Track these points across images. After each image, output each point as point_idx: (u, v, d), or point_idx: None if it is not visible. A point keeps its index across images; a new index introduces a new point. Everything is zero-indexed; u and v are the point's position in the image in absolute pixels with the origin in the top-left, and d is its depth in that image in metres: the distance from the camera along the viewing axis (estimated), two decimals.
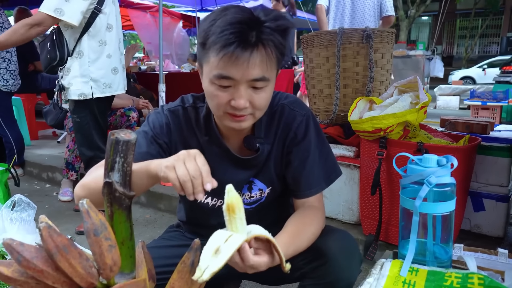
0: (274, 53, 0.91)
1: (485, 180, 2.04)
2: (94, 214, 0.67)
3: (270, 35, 0.89)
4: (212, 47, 0.88)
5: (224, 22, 0.87)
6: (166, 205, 2.95)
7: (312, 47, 2.38)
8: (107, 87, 2.39)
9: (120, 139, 0.74)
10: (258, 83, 0.91)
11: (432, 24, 21.57)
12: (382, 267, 1.06)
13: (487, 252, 1.22)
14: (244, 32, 0.86)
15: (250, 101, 0.93)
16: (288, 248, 0.95)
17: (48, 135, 5.25)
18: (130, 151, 0.75)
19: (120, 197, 0.73)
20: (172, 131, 1.10)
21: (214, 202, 1.17)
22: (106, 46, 2.36)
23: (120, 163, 0.74)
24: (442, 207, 1.06)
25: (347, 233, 1.10)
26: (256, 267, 0.84)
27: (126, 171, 0.75)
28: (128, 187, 0.75)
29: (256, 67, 0.89)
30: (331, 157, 1.14)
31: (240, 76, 0.89)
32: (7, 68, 3.49)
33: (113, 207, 0.73)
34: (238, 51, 0.86)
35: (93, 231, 0.66)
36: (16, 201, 1.97)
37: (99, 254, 0.66)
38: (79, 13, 2.20)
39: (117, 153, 0.74)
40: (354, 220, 2.27)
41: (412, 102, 1.90)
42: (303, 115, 1.09)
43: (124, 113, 3.53)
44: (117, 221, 0.74)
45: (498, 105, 5.87)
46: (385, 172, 1.91)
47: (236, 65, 0.87)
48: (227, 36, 0.85)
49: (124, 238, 0.74)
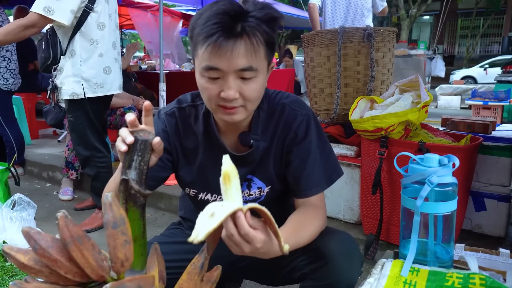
0: (260, 43, 0.91)
1: (487, 180, 2.03)
2: (116, 208, 0.69)
3: (255, 24, 0.89)
4: (197, 39, 0.90)
5: (209, 14, 0.88)
6: (166, 204, 2.94)
7: (313, 46, 2.37)
8: (98, 86, 2.36)
9: (139, 138, 0.77)
10: (246, 73, 0.91)
11: (434, 24, 21.54)
12: (383, 267, 1.06)
13: (489, 252, 1.21)
14: (228, 22, 0.87)
15: (240, 92, 0.93)
16: (289, 240, 0.93)
17: (48, 134, 5.25)
18: (148, 150, 0.78)
19: (136, 194, 0.75)
20: (169, 135, 1.12)
21: (214, 198, 1.17)
22: (98, 45, 2.33)
23: (137, 161, 0.76)
24: (444, 207, 1.05)
25: (347, 234, 1.10)
26: (250, 239, 0.79)
27: (143, 170, 0.77)
28: (143, 186, 0.77)
29: (241, 56, 0.88)
30: (332, 157, 1.13)
31: (227, 66, 0.89)
32: (7, 67, 3.48)
33: (128, 204, 0.76)
34: (221, 40, 0.86)
35: (111, 224, 0.67)
36: (16, 201, 1.97)
37: (113, 247, 0.67)
38: (69, 12, 2.17)
39: (135, 152, 0.77)
40: (354, 220, 2.26)
41: (413, 102, 1.89)
42: (303, 115, 1.09)
43: (124, 113, 3.52)
44: (131, 218, 0.75)
45: (500, 105, 5.86)
46: (386, 171, 1.90)
47: (220, 55, 0.88)
48: (210, 27, 0.86)
49: (136, 236, 0.76)
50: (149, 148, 0.78)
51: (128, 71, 4.37)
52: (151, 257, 0.83)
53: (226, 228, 0.80)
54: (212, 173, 1.10)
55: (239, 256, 1.22)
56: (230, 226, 0.79)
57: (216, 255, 1.21)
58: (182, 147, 1.13)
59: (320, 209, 1.09)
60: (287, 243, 0.89)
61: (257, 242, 0.80)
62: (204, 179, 1.14)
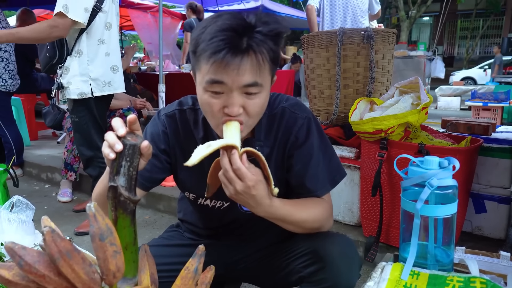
0: (266, 59, 0.90)
1: (487, 182, 2.02)
2: (101, 218, 0.66)
3: (261, 41, 0.87)
4: (203, 55, 0.87)
5: (214, 29, 0.86)
6: (165, 206, 2.93)
7: (313, 48, 2.37)
8: (106, 85, 2.39)
9: (127, 143, 0.74)
10: (250, 89, 0.90)
11: (433, 25, 21.55)
12: (382, 270, 1.05)
13: (489, 255, 1.21)
14: (234, 38, 0.85)
15: (243, 108, 0.91)
16: (285, 204, 0.98)
17: (47, 136, 5.24)
18: (136, 155, 0.75)
19: (125, 201, 0.73)
20: (169, 137, 1.11)
21: (213, 203, 1.16)
22: (104, 44, 2.35)
23: (126, 167, 0.73)
24: (444, 209, 1.04)
25: (346, 237, 1.09)
26: (242, 175, 0.85)
27: (132, 176, 0.74)
28: (133, 192, 0.74)
29: (247, 72, 0.87)
30: (335, 159, 1.13)
31: (232, 81, 0.87)
32: (6, 67, 3.48)
33: (118, 212, 0.73)
34: (228, 57, 0.84)
35: (98, 236, 0.65)
36: (14, 202, 1.96)
37: (103, 259, 0.65)
38: (82, 10, 2.18)
39: (123, 157, 0.74)
40: (354, 222, 2.25)
41: (413, 103, 1.89)
42: (304, 118, 1.08)
43: (123, 114, 3.51)
44: (121, 225, 0.73)
45: (500, 106, 5.86)
46: (386, 173, 1.89)
47: (227, 72, 0.86)
48: (217, 43, 0.85)
49: (127, 243, 0.74)
50: (138, 152, 0.75)
51: (127, 72, 4.36)
52: (141, 260, 0.82)
53: (222, 163, 0.86)
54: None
55: (237, 259, 1.22)
56: (225, 161, 0.86)
57: (216, 258, 1.21)
58: (181, 150, 1.12)
59: (326, 202, 1.09)
60: (283, 207, 0.96)
61: (248, 180, 0.85)
62: (204, 185, 1.14)
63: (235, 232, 1.22)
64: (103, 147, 0.75)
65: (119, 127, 0.75)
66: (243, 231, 1.21)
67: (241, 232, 1.21)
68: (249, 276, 1.25)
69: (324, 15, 3.71)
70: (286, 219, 0.99)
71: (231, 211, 1.15)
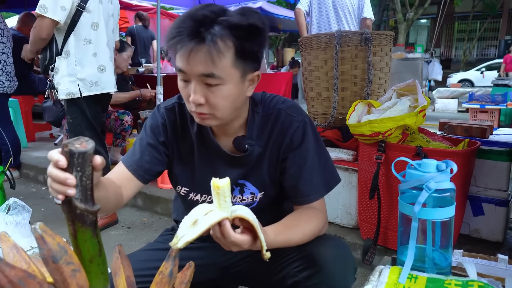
0: (226, 51, 0.89)
1: (485, 184, 2.02)
2: (50, 239, 0.62)
3: (220, 31, 0.87)
4: (167, 42, 0.91)
5: (179, 19, 0.90)
6: (163, 208, 2.93)
7: (310, 50, 2.37)
8: (93, 85, 2.41)
9: (75, 151, 0.66)
10: (209, 79, 0.91)
11: (431, 27, 21.63)
12: (380, 273, 1.04)
13: (487, 258, 1.20)
14: (192, 27, 0.87)
15: (205, 98, 0.93)
16: (278, 235, 0.95)
17: (45, 137, 5.22)
18: (88, 163, 0.68)
19: (83, 214, 0.67)
20: (168, 130, 1.12)
21: (204, 198, 1.16)
22: (91, 44, 2.38)
23: (78, 177, 0.67)
24: (442, 213, 1.04)
25: (340, 240, 1.08)
26: (238, 244, 0.83)
27: (86, 185, 0.68)
28: (90, 202, 0.69)
29: (201, 62, 0.88)
30: (330, 163, 1.12)
31: (189, 69, 0.90)
32: (3, 69, 3.47)
33: (76, 225, 0.68)
34: (182, 42, 0.87)
35: (51, 258, 0.60)
36: (11, 205, 1.95)
37: (61, 281, 0.61)
38: (59, 8, 2.21)
39: (73, 167, 0.67)
40: (352, 224, 2.25)
41: (410, 106, 1.89)
42: (300, 121, 1.07)
43: (118, 117, 3.51)
44: (82, 239, 0.68)
45: (497, 108, 5.87)
46: (384, 176, 1.89)
47: (182, 57, 0.89)
48: (176, 30, 0.88)
49: (92, 256, 0.69)
50: (89, 159, 0.68)
51: (125, 74, 4.35)
52: (115, 263, 0.78)
53: (214, 232, 0.83)
54: (205, 174, 1.10)
55: (232, 262, 1.21)
56: (217, 231, 0.82)
57: (211, 261, 1.21)
58: (178, 143, 1.13)
59: (319, 211, 1.08)
60: (276, 239, 0.93)
61: (244, 244, 0.84)
62: (196, 179, 1.14)
63: None
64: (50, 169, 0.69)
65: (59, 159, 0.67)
66: None
67: None
68: (245, 279, 1.25)
69: (312, 18, 3.72)
70: (283, 246, 0.98)
71: None
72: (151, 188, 3.03)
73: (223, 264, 1.22)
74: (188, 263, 0.85)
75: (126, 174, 1.08)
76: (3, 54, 3.47)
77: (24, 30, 4.47)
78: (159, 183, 3.05)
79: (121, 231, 2.65)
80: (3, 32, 3.46)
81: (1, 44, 3.44)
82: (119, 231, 2.64)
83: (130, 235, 2.58)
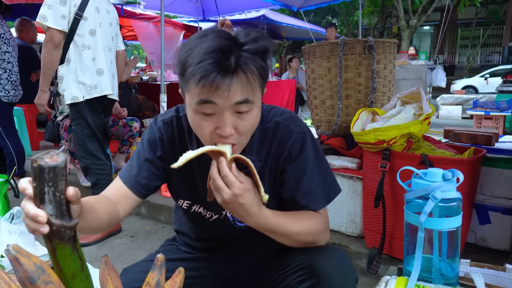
0: (255, 76, 0.88)
1: (491, 193, 2.00)
2: (26, 259, 0.59)
3: (249, 59, 0.86)
4: (191, 79, 0.85)
5: (201, 51, 0.84)
6: (166, 217, 2.92)
7: (314, 58, 2.37)
8: (93, 88, 2.48)
9: (45, 166, 0.63)
10: (241, 107, 0.88)
11: (434, 34, 21.63)
12: (386, 284, 1.03)
13: (495, 268, 1.19)
14: (222, 59, 0.83)
15: (235, 127, 0.90)
16: (276, 215, 0.97)
17: (49, 146, 5.23)
18: (60, 177, 0.65)
19: (59, 230, 0.65)
20: (165, 144, 1.11)
21: (206, 213, 1.15)
22: (90, 50, 2.47)
23: (51, 193, 0.64)
24: (448, 222, 1.03)
25: (341, 250, 1.07)
26: (229, 182, 0.86)
27: (61, 200, 0.65)
28: (67, 217, 0.66)
29: (238, 92, 0.86)
30: (330, 174, 1.11)
31: (223, 101, 0.86)
32: (9, 78, 3.49)
33: (54, 242, 0.65)
34: (218, 80, 0.83)
35: (28, 280, 0.58)
36: (15, 214, 1.95)
37: None
38: (59, 17, 2.31)
39: (44, 183, 0.64)
40: (357, 233, 2.23)
41: (415, 114, 1.88)
42: (298, 133, 1.05)
43: (127, 123, 3.53)
44: (62, 255, 0.66)
45: (502, 115, 5.83)
46: (389, 184, 1.88)
47: (217, 93, 0.84)
48: (205, 67, 0.82)
49: (74, 272, 0.68)
50: (62, 173, 0.65)
51: (129, 82, 4.38)
52: (102, 275, 0.77)
53: (211, 172, 0.87)
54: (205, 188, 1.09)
55: (233, 273, 1.20)
56: (213, 169, 0.87)
57: (213, 272, 1.20)
58: (176, 157, 1.11)
59: (321, 216, 1.07)
60: (273, 218, 0.96)
61: (235, 188, 0.86)
62: (198, 193, 1.13)
63: (229, 246, 1.21)
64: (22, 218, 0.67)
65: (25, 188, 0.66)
66: (239, 244, 1.20)
67: (237, 244, 1.20)
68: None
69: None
70: (278, 230, 0.97)
71: (223, 225, 1.14)
72: (155, 196, 3.02)
73: (224, 275, 1.21)
74: (178, 269, 0.84)
75: (123, 190, 1.07)
76: (9, 63, 3.50)
77: (23, 37, 4.54)
78: (162, 191, 3.04)
79: (124, 239, 2.64)
80: (9, 41, 3.49)
81: (7, 53, 3.47)
82: (122, 240, 2.63)
83: (134, 243, 2.57)
